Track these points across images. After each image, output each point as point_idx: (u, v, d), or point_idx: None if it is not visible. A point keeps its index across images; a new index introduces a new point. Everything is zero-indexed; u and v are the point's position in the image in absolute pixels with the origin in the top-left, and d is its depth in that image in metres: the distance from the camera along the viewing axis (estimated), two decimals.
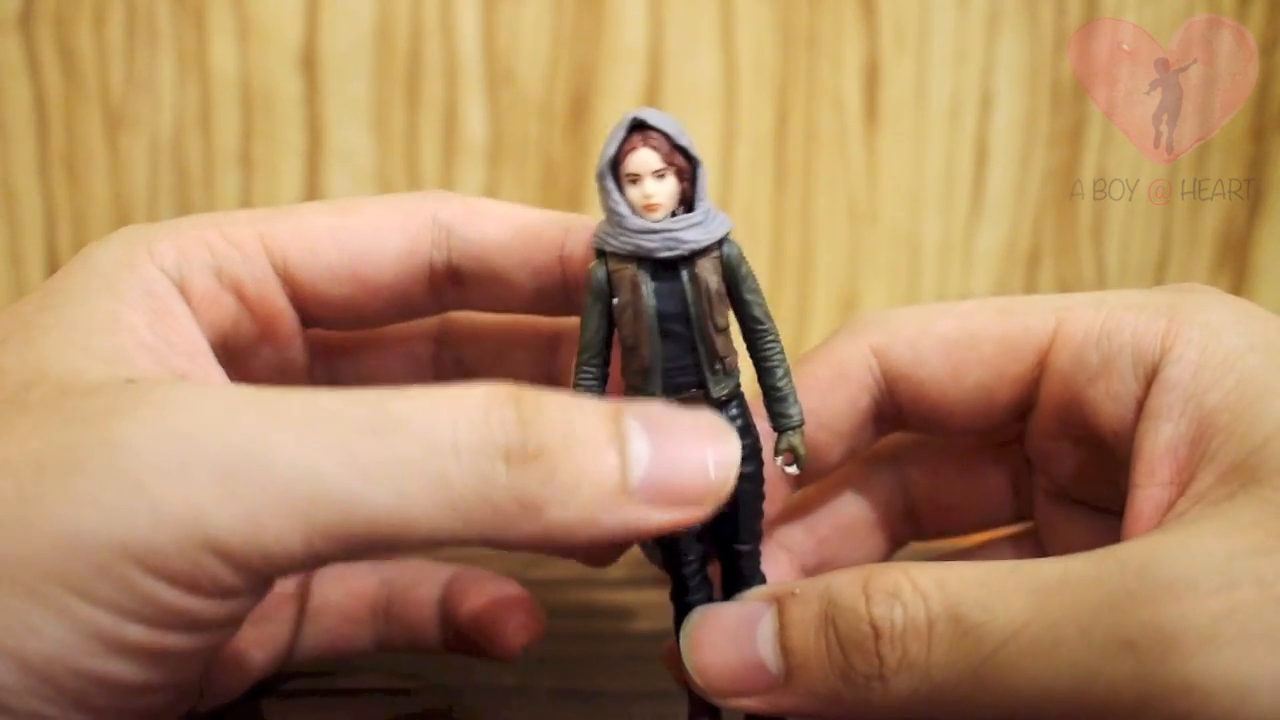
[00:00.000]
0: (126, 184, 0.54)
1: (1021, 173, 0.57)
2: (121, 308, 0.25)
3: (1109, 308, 0.27)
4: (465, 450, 0.21)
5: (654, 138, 0.25)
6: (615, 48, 0.54)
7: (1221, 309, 0.26)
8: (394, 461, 0.21)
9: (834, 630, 0.23)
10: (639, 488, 0.22)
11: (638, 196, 0.25)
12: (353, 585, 0.32)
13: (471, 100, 0.55)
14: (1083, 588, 0.21)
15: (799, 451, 0.27)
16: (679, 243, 0.25)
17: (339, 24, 0.53)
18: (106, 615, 0.20)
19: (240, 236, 0.27)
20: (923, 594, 0.22)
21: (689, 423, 0.23)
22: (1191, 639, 0.20)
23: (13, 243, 0.55)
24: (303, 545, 0.20)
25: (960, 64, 0.56)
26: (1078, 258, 0.58)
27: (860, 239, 0.58)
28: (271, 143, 0.54)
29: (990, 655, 0.21)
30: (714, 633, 0.25)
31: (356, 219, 0.28)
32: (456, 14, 0.54)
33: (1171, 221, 0.58)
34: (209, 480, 0.20)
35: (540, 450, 0.21)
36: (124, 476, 0.20)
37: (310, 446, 0.20)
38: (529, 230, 0.28)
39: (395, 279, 0.28)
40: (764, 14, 0.55)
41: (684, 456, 0.23)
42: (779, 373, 0.26)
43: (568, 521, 0.21)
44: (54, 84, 0.53)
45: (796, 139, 0.56)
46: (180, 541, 0.20)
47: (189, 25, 0.53)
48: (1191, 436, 0.24)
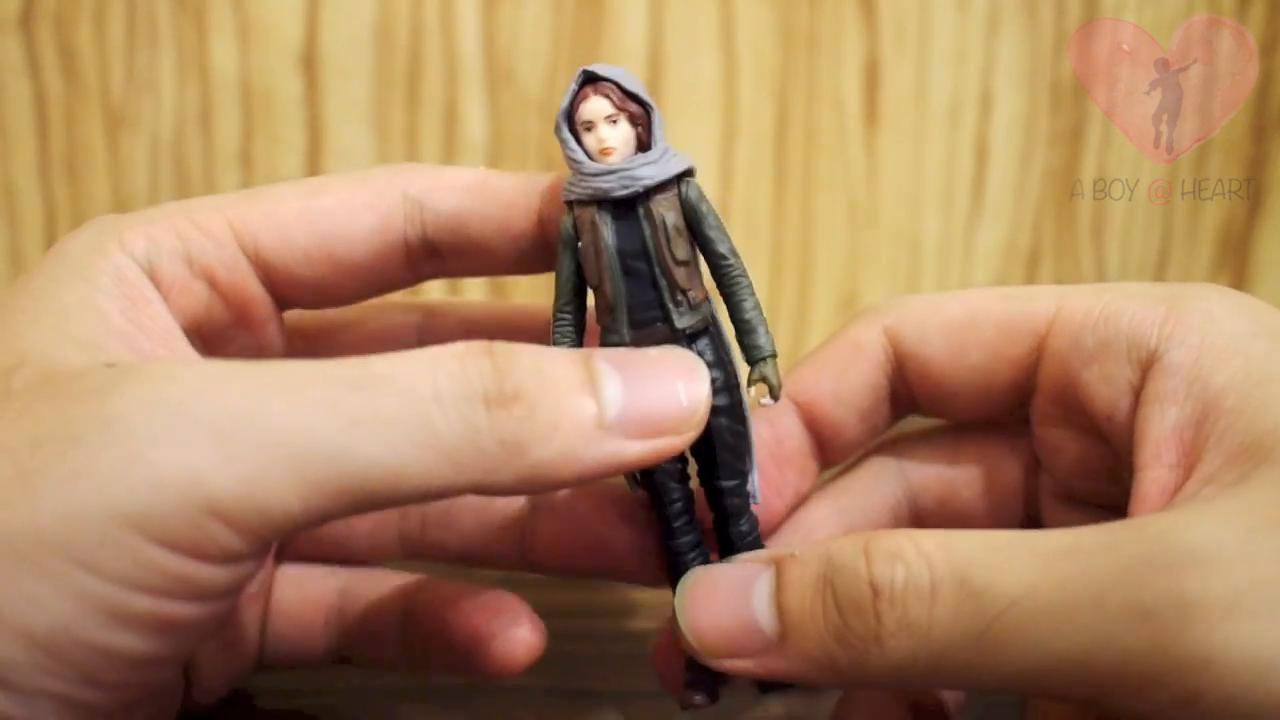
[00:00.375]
0: (126, 184, 0.54)
1: (1021, 173, 0.57)
2: (94, 294, 0.25)
3: (1109, 295, 0.27)
4: (447, 398, 0.22)
5: (604, 86, 0.26)
6: (615, 48, 0.54)
7: (1223, 299, 0.26)
8: (381, 414, 0.21)
9: (831, 591, 0.22)
10: (615, 421, 0.23)
11: (593, 142, 0.26)
12: (307, 591, 0.32)
13: (471, 100, 0.55)
14: (1097, 553, 0.20)
15: (772, 381, 0.27)
16: (634, 180, 0.25)
17: (339, 24, 0.53)
18: (110, 586, 0.20)
19: (210, 223, 0.27)
20: (926, 555, 0.22)
21: (656, 356, 0.25)
22: (1212, 610, 0.19)
23: (13, 243, 0.55)
24: (299, 502, 0.21)
25: (960, 64, 0.56)
26: (1078, 257, 0.58)
27: (860, 239, 0.58)
28: (271, 142, 0.54)
29: (996, 618, 0.20)
30: (709, 592, 0.25)
31: (327, 198, 0.28)
32: (456, 14, 0.54)
33: (1171, 221, 0.58)
34: (204, 444, 0.20)
35: (517, 393, 0.22)
36: (121, 447, 0.20)
37: (299, 405, 0.21)
38: (502, 196, 0.28)
39: (369, 256, 0.28)
40: (764, 14, 0.55)
41: (655, 387, 0.24)
42: (747, 305, 0.27)
43: (550, 458, 0.22)
44: (54, 84, 0.53)
45: (796, 139, 0.56)
46: (181, 506, 0.20)
47: (189, 25, 0.53)
48: (1197, 419, 0.24)
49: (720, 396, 0.26)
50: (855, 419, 0.30)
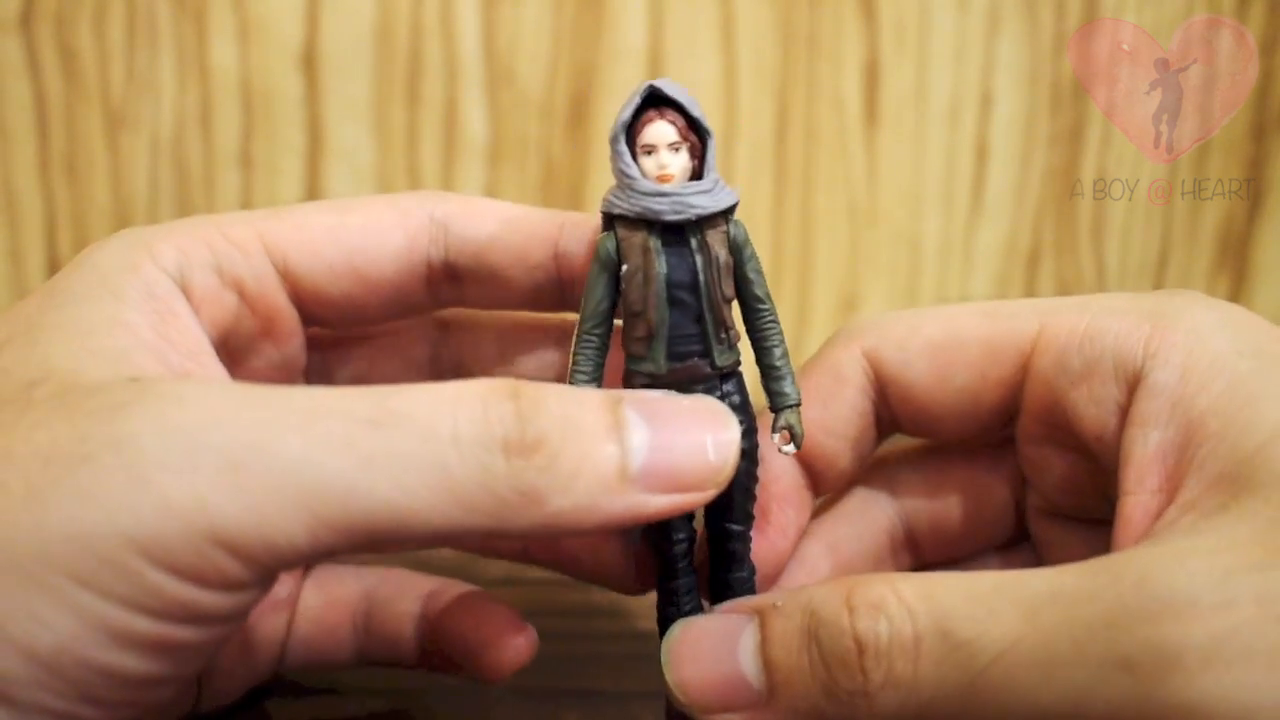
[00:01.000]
0: (126, 184, 0.54)
1: (1021, 173, 0.57)
2: (123, 308, 0.25)
3: (1092, 312, 0.27)
4: (465, 442, 0.21)
5: (670, 112, 0.25)
6: (615, 48, 0.54)
7: (1208, 314, 0.26)
8: (395, 453, 0.21)
9: (817, 645, 0.22)
10: (639, 474, 0.22)
11: (652, 166, 0.25)
12: (334, 595, 0.32)
13: (471, 100, 0.55)
14: (1077, 602, 0.20)
15: (796, 430, 0.27)
16: (688, 207, 0.25)
17: (339, 24, 0.53)
18: (114, 607, 0.20)
19: (240, 236, 0.27)
20: (908, 607, 0.21)
21: (687, 406, 0.24)
22: (1193, 659, 0.19)
23: (13, 243, 0.55)
24: (307, 537, 0.21)
25: (960, 64, 0.56)
26: (1078, 258, 0.58)
27: (860, 239, 0.58)
28: (271, 142, 0.54)
29: (982, 672, 0.21)
30: (695, 647, 0.25)
31: (356, 217, 0.28)
32: (456, 14, 0.54)
33: (1171, 221, 0.58)
34: (214, 473, 0.20)
35: (539, 441, 0.21)
36: (130, 470, 0.20)
37: (313, 440, 0.21)
38: (524, 227, 0.29)
39: (394, 276, 0.28)
40: (764, 14, 0.55)
41: (683, 441, 0.23)
42: (777, 352, 0.27)
43: (569, 509, 0.22)
44: (54, 84, 0.53)
45: (796, 139, 0.56)
46: (186, 534, 0.20)
47: (189, 25, 0.53)
48: (1180, 442, 0.24)
49: (745, 439, 0.26)
50: (845, 447, 0.30)
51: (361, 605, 0.32)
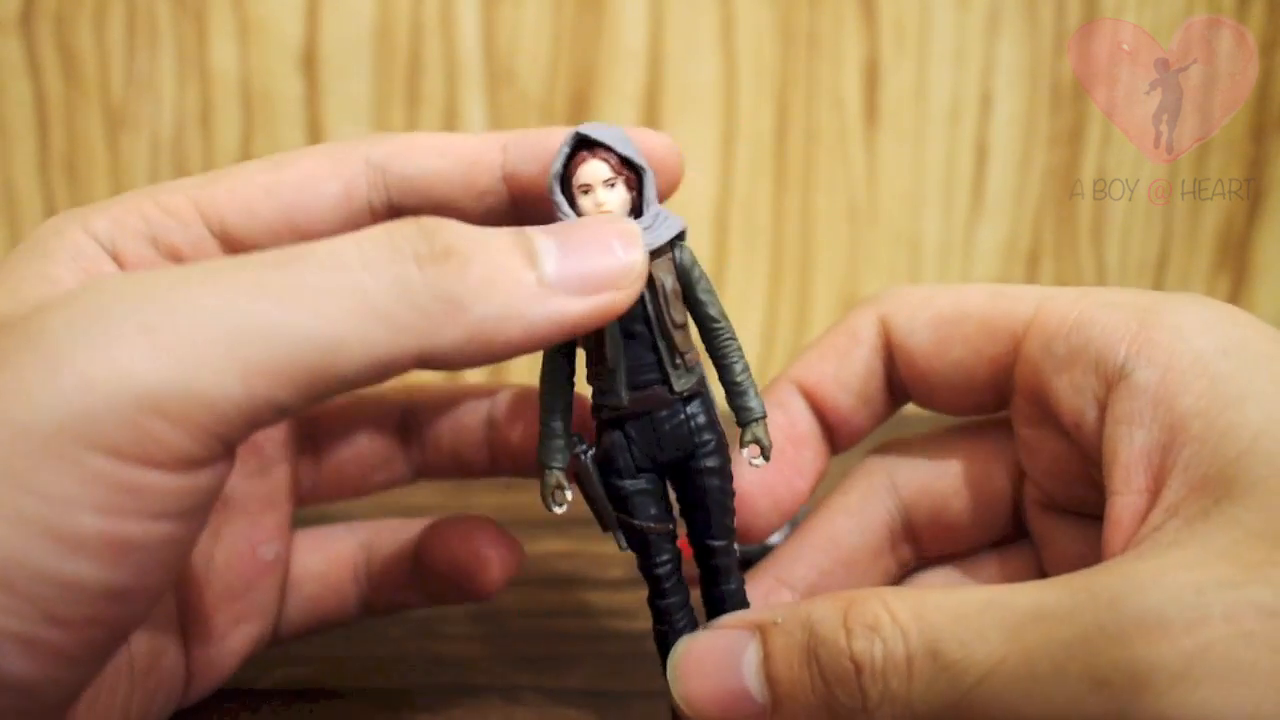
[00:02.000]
0: (126, 184, 0.54)
1: (1021, 173, 0.57)
2: (49, 265, 0.25)
3: (1086, 303, 0.27)
4: (375, 263, 0.21)
5: (601, 151, 0.26)
6: (615, 48, 0.55)
7: (1196, 312, 0.26)
8: (308, 286, 0.21)
9: (817, 663, 0.23)
10: (555, 278, 0.23)
11: (590, 205, 0.26)
12: (331, 551, 0.33)
13: (471, 100, 0.55)
14: (1056, 623, 0.21)
15: (764, 443, 0.27)
16: None
17: (339, 23, 0.53)
18: (56, 506, 0.20)
19: (175, 204, 0.27)
20: (901, 628, 0.22)
21: (588, 221, 0.25)
22: (1163, 677, 0.20)
23: (13, 243, 0.55)
24: (241, 387, 0.20)
25: (960, 64, 0.56)
26: (1078, 257, 0.58)
27: (860, 239, 0.58)
28: (271, 143, 0.54)
29: (969, 691, 0.21)
30: (700, 663, 0.26)
31: (290, 171, 0.28)
32: (456, 13, 0.54)
33: (1171, 221, 0.58)
34: (133, 339, 0.20)
35: (448, 250, 0.22)
36: (48, 358, 0.20)
37: (225, 288, 0.21)
38: (466, 155, 0.28)
39: (336, 226, 0.28)
40: (764, 14, 0.55)
41: (590, 244, 0.24)
42: (738, 368, 0.27)
43: (492, 316, 0.22)
44: (54, 84, 0.53)
45: (796, 139, 0.56)
46: (116, 405, 0.20)
47: (189, 25, 0.53)
48: (1164, 443, 0.24)
49: (713, 458, 0.27)
50: (858, 403, 0.31)
51: (360, 556, 0.33)
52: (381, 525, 0.33)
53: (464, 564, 0.31)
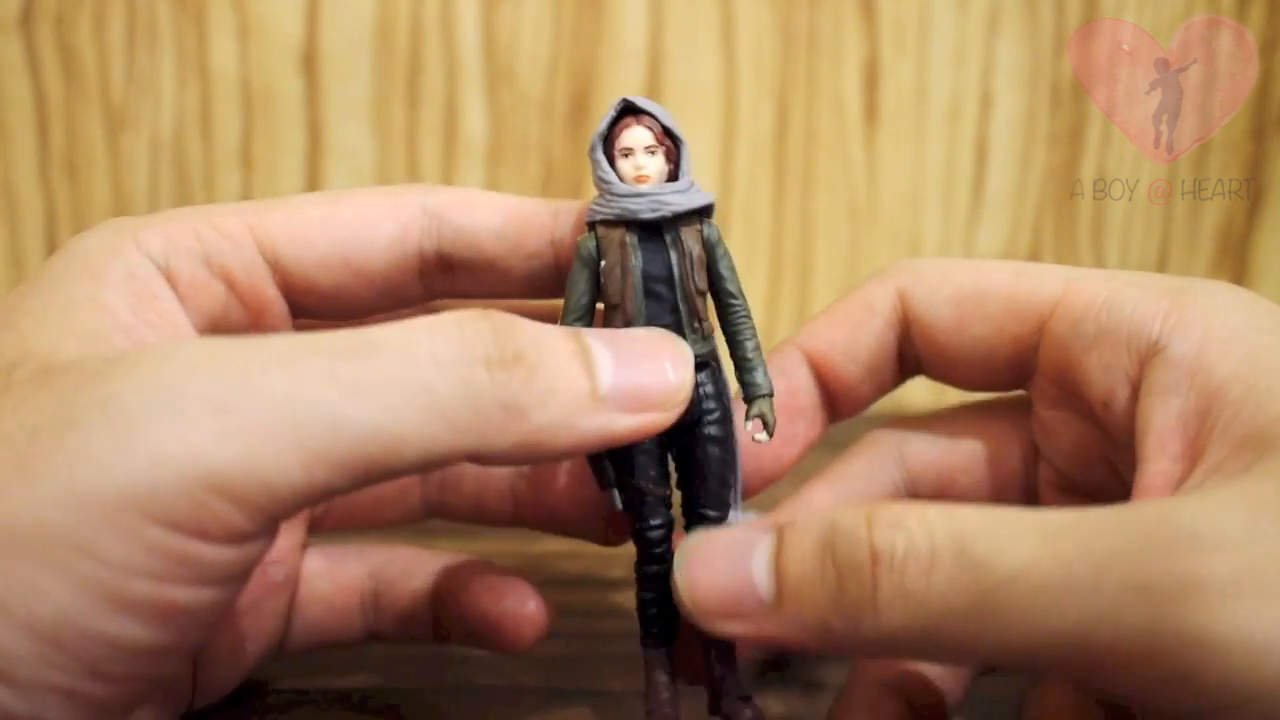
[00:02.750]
0: (126, 184, 0.54)
1: (1021, 173, 0.57)
2: (101, 289, 0.25)
3: (1117, 283, 0.27)
4: (445, 362, 0.22)
5: (647, 119, 0.27)
6: (615, 48, 0.55)
7: (1227, 295, 0.26)
8: (379, 380, 0.21)
9: (831, 555, 0.22)
10: (608, 392, 0.23)
11: (629, 168, 0.27)
12: (340, 577, 0.32)
13: (471, 100, 0.55)
14: (1099, 532, 0.20)
15: (768, 419, 0.27)
16: (663, 204, 0.26)
17: (339, 23, 0.53)
18: (113, 571, 0.20)
19: (230, 227, 0.27)
20: (928, 524, 0.21)
21: (643, 335, 0.26)
22: (1211, 590, 0.19)
23: (13, 243, 0.55)
24: (302, 473, 0.21)
25: (960, 64, 0.56)
26: (1078, 258, 0.58)
27: (860, 239, 0.58)
28: (271, 143, 0.54)
29: (993, 590, 0.20)
30: (709, 553, 0.24)
31: (347, 208, 0.28)
32: (456, 13, 0.54)
33: (1171, 221, 0.58)
34: (203, 418, 0.20)
35: (517, 356, 0.22)
36: (119, 427, 0.20)
37: (296, 375, 0.21)
38: (520, 217, 0.29)
39: (385, 267, 0.29)
40: (764, 14, 0.55)
41: (644, 363, 0.24)
42: (749, 345, 0.28)
43: (547, 425, 0.23)
44: (54, 84, 0.53)
45: (796, 139, 0.56)
46: (182, 483, 0.20)
47: (189, 25, 0.53)
48: (1201, 410, 0.24)
49: (715, 427, 0.27)
50: (864, 374, 0.31)
51: (369, 585, 0.32)
52: (394, 554, 0.33)
53: (494, 620, 0.31)
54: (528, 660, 0.34)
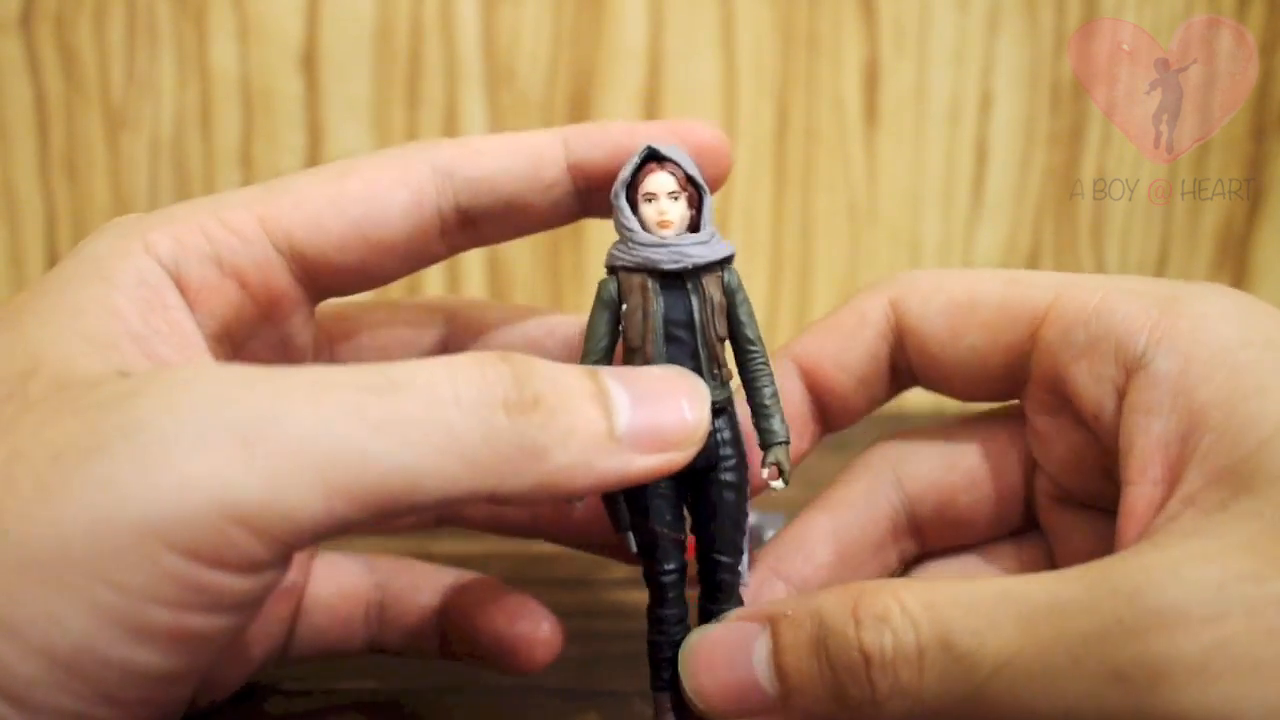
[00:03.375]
0: (126, 184, 0.54)
1: (1021, 173, 0.57)
2: (113, 293, 0.25)
3: (1107, 290, 0.27)
4: (467, 403, 0.22)
5: (671, 165, 0.27)
6: (615, 48, 0.55)
7: (1219, 302, 0.26)
8: (402, 418, 0.21)
9: (826, 655, 0.23)
10: (625, 433, 0.23)
11: (653, 213, 0.27)
12: (345, 586, 0.32)
13: (471, 100, 0.55)
14: (1073, 615, 0.21)
15: (784, 466, 0.27)
16: (685, 256, 0.26)
17: (339, 24, 0.53)
18: (131, 599, 0.20)
19: (239, 221, 0.27)
20: (912, 619, 0.22)
21: (658, 374, 0.25)
22: (1181, 671, 0.20)
23: (13, 243, 0.55)
24: (323, 507, 0.21)
25: (960, 64, 0.56)
26: (1077, 258, 0.58)
27: (860, 239, 0.58)
28: (271, 143, 0.54)
29: (983, 683, 0.21)
30: (710, 655, 0.26)
31: (354, 181, 0.28)
32: (456, 14, 0.54)
33: (1171, 221, 0.58)
34: (228, 450, 0.20)
35: (536, 400, 0.22)
36: (143, 455, 0.20)
37: (321, 410, 0.21)
38: (530, 150, 0.29)
39: (406, 235, 0.28)
40: (764, 14, 0.55)
41: (661, 403, 0.24)
42: (767, 391, 0.28)
43: (566, 466, 0.23)
44: (54, 84, 0.53)
45: (796, 139, 0.56)
46: (205, 513, 0.20)
47: (189, 25, 0.53)
48: (1182, 433, 0.24)
49: (732, 474, 0.27)
50: (856, 386, 0.31)
51: (374, 596, 0.32)
52: (400, 567, 0.33)
53: (508, 642, 0.31)
54: None
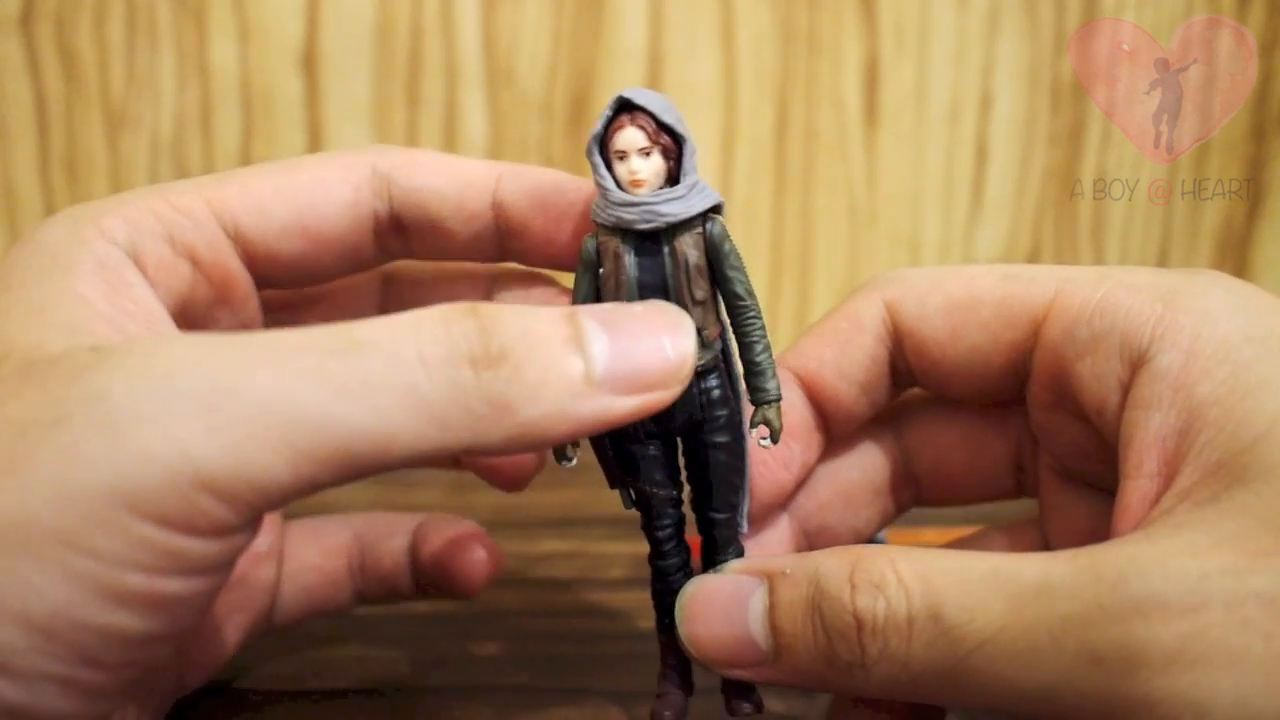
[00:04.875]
0: (126, 184, 0.54)
1: (1021, 173, 0.57)
2: (75, 282, 0.25)
3: (1109, 285, 0.27)
4: (432, 361, 0.22)
5: (640, 117, 0.26)
6: (615, 48, 0.55)
7: (1223, 295, 0.26)
8: (366, 379, 0.21)
9: (820, 616, 0.24)
10: (603, 377, 0.23)
11: (624, 173, 0.26)
12: (327, 543, 0.33)
13: (471, 100, 0.55)
14: (1058, 597, 0.21)
15: (774, 425, 0.27)
16: (656, 215, 0.26)
17: (339, 23, 0.53)
18: (105, 566, 0.20)
19: (188, 204, 0.28)
20: (906, 588, 0.23)
21: (640, 311, 0.25)
22: (1156, 658, 0.20)
23: (12, 242, 0.55)
24: (289, 471, 0.21)
25: (960, 64, 0.56)
26: (1077, 258, 0.58)
27: (860, 239, 0.58)
28: (271, 143, 0.54)
29: (966, 656, 0.22)
30: (708, 606, 0.26)
31: (301, 175, 0.29)
32: (456, 14, 0.54)
33: (1171, 221, 0.58)
34: (191, 417, 0.20)
35: (503, 353, 0.22)
36: (107, 425, 0.20)
37: (285, 374, 0.21)
38: (462, 177, 0.29)
39: (343, 231, 0.29)
40: (764, 14, 0.55)
41: (641, 342, 0.24)
42: (758, 348, 0.27)
43: (539, 418, 0.22)
44: (54, 84, 0.53)
45: (796, 139, 0.56)
46: (170, 481, 0.20)
47: (189, 25, 0.53)
48: (1180, 428, 0.24)
49: (722, 434, 0.27)
50: (857, 392, 0.31)
51: (355, 548, 0.33)
52: (373, 518, 0.34)
53: (448, 564, 0.32)
54: (526, 660, 0.34)
